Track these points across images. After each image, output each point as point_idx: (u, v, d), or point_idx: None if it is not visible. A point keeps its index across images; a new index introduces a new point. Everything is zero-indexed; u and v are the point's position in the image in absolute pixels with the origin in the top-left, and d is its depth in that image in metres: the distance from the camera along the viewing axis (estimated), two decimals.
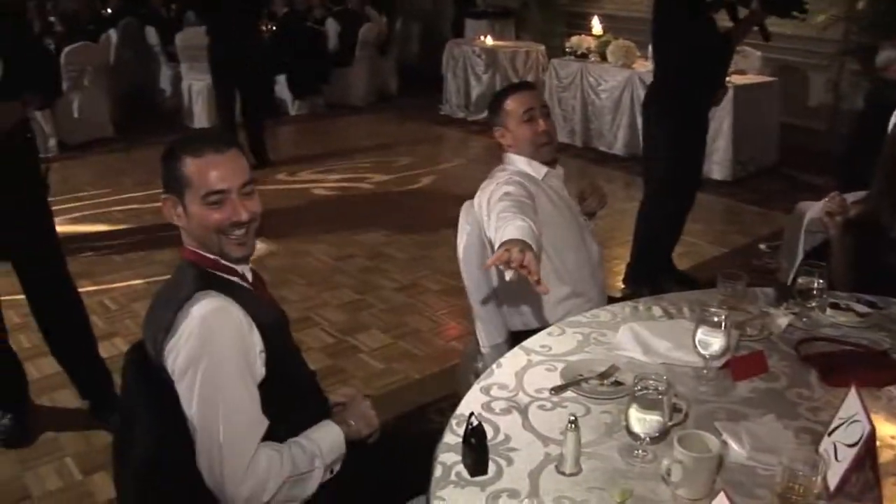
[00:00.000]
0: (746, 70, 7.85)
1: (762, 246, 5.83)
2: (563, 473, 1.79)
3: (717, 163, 7.41)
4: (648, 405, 1.81)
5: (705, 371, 2.20)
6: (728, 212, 6.77)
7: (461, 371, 3.18)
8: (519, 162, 3.00)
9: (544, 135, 2.99)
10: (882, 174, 3.07)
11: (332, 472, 2.08)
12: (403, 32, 12.42)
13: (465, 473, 1.80)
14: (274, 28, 10.06)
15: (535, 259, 2.14)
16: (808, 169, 7.53)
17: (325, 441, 2.07)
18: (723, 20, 4.62)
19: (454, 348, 4.38)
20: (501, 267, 2.14)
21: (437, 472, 1.82)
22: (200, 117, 9.44)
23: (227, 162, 2.01)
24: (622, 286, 4.98)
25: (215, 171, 1.99)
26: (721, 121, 7.28)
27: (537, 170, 2.99)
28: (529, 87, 3.16)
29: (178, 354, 1.91)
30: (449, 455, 1.87)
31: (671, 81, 4.64)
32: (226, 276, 2.08)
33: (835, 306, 2.62)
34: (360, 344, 4.52)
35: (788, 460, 1.69)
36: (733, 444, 1.90)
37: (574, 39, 8.85)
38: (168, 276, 2.13)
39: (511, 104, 3.02)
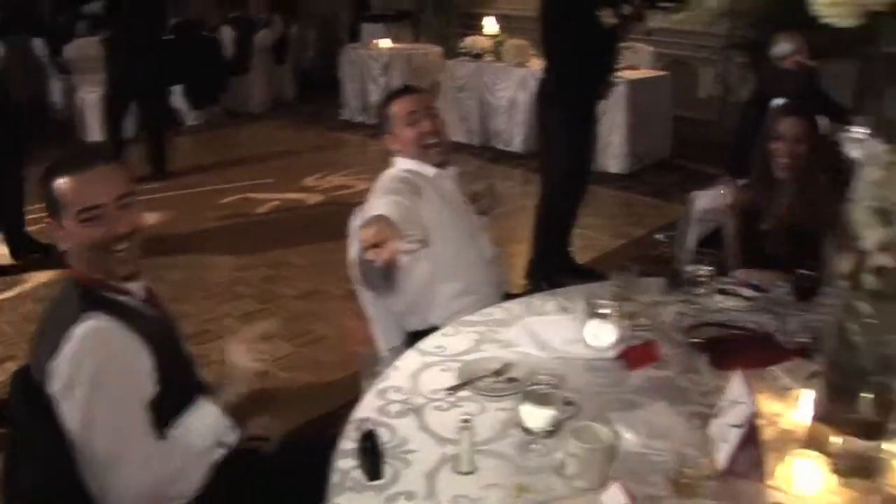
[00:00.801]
0: (638, 65, 7.99)
1: (659, 236, 5.94)
2: (459, 473, 1.80)
3: (613, 157, 7.54)
4: (540, 400, 1.83)
5: (599, 363, 2.23)
6: (625, 204, 6.87)
7: (362, 376, 3.16)
8: (407, 165, 3.01)
9: (429, 136, 3.00)
10: (756, 163, 3.21)
11: (225, 449, 2.08)
12: (300, 38, 12.32)
13: (362, 479, 1.80)
14: (168, 37, 9.86)
15: (389, 226, 2.16)
16: (701, 159, 7.70)
17: (201, 427, 2.07)
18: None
19: (359, 353, 4.33)
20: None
21: (335, 478, 1.81)
22: (94, 129, 9.17)
23: (96, 177, 1.98)
24: (524, 282, 5.01)
25: (85, 186, 1.96)
26: (615, 115, 7.41)
27: (426, 171, 3.01)
28: (412, 91, 3.17)
29: (58, 376, 1.88)
30: (346, 461, 1.86)
31: (559, 76, 4.71)
32: (114, 295, 2.03)
33: (723, 292, 2.69)
34: (264, 354, 4.44)
35: (680, 445, 1.73)
36: (627, 434, 1.93)
37: (468, 40, 8.89)
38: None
39: (394, 109, 3.04)
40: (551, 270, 4.88)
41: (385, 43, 10.17)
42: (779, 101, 4.64)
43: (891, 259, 1.67)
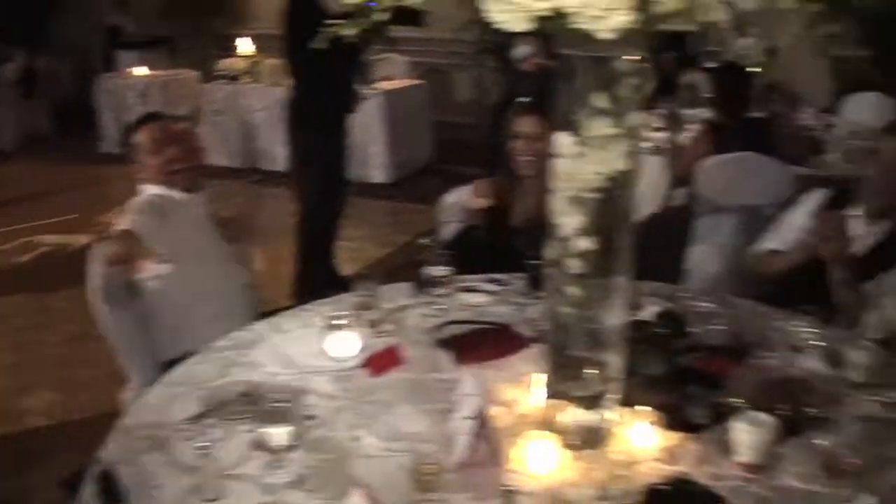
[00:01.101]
0: (394, 75, 8.14)
1: (423, 241, 6.03)
2: (205, 501, 1.78)
3: (375, 167, 7.66)
4: (278, 418, 1.85)
5: (343, 373, 2.27)
6: (390, 213, 6.97)
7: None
8: (155, 190, 3.03)
9: (175, 162, 3.02)
10: (503, 162, 3.35)
11: None
12: (50, 69, 11.77)
13: None
14: None
15: (134, 241, 2.29)
16: (463, 162, 7.90)
17: None
18: None
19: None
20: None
21: None
22: None
23: None
24: (289, 300, 4.99)
25: None
26: (374, 126, 7.53)
27: (175, 196, 3.05)
28: (156, 118, 3.16)
29: None
30: None
31: (306, 92, 4.74)
32: None
33: (466, 289, 2.78)
34: (28, 407, 4.23)
35: (423, 443, 1.79)
36: (369, 439, 1.97)
37: (225, 62, 8.80)
38: None
39: (137, 138, 3.09)
40: (316, 286, 4.88)
41: (141, 70, 9.90)
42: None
43: (590, 242, 1.78)
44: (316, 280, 4.95)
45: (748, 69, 4.93)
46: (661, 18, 1.51)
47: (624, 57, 1.66)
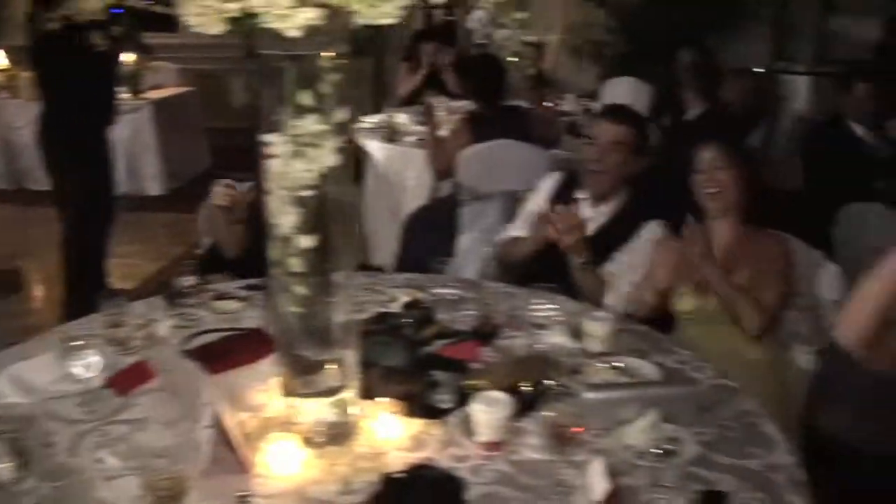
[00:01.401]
0: (164, 84, 7.92)
1: (199, 251, 5.92)
2: None
3: (149, 178, 7.43)
4: (9, 451, 1.77)
5: (88, 395, 2.19)
6: (166, 225, 6.72)
7: None
8: None
9: None
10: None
11: None
12: None
13: None
14: None
15: None
16: (242, 167, 7.76)
17: None
18: None
19: None
20: None
21: None
22: None
23: None
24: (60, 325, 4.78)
25: None
26: (144, 137, 7.31)
27: None
28: None
29: None
30: None
31: (58, 107, 4.54)
32: None
33: (219, 297, 2.75)
34: None
35: (163, 457, 1.75)
36: (112, 459, 1.91)
37: None
38: None
39: None
40: (87, 307, 4.68)
41: None
42: None
43: (308, 240, 1.79)
44: (86, 301, 4.76)
45: (505, 59, 5.09)
46: (347, 15, 1.54)
47: (322, 53, 1.68)
